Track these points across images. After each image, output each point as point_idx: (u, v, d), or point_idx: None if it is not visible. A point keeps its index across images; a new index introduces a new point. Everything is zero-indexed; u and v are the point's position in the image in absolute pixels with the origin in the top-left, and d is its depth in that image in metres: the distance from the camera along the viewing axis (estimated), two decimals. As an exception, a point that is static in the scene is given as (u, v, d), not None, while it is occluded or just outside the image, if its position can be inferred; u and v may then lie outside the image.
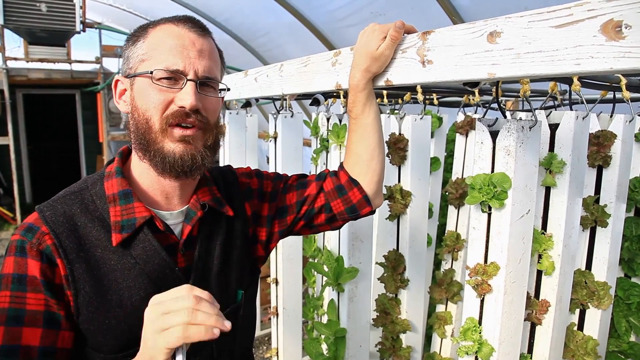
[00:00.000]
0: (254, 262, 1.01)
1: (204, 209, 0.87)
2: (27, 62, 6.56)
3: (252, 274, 1.00)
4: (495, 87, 1.03)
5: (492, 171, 0.95)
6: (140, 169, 0.85)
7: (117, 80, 0.85)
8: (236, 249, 0.93)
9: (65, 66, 6.98)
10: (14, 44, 6.37)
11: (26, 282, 0.73)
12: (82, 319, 0.76)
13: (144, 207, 0.81)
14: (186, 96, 0.77)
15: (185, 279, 0.82)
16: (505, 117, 0.99)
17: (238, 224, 0.95)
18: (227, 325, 0.65)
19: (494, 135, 0.94)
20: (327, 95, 1.72)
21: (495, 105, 1.07)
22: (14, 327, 0.71)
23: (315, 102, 1.63)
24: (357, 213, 1.04)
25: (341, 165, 1.07)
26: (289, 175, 1.11)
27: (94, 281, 0.76)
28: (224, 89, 0.87)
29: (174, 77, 0.78)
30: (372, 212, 1.08)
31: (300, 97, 1.79)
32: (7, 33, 6.13)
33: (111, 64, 6.97)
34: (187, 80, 0.78)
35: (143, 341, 0.67)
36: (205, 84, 0.82)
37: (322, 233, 2.06)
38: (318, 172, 1.80)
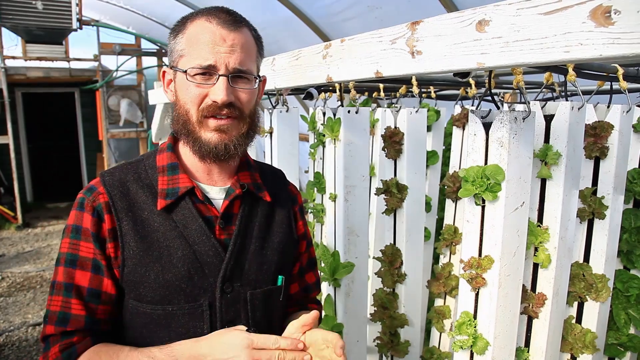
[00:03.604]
0: (297, 256, 1.09)
1: (243, 189, 0.95)
2: (26, 60, 6.53)
3: (293, 264, 1.08)
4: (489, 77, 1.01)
5: (486, 163, 0.93)
6: (185, 149, 0.95)
7: (164, 71, 0.95)
8: (276, 234, 1.00)
9: (63, 64, 6.95)
10: (12, 42, 6.37)
11: (81, 232, 0.87)
12: (127, 270, 0.87)
13: (188, 179, 0.91)
14: (218, 91, 0.85)
15: (221, 248, 0.90)
16: (498, 108, 0.97)
17: (279, 212, 1.02)
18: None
19: (487, 126, 0.92)
20: (321, 88, 1.71)
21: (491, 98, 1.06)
22: (70, 268, 0.86)
23: (309, 96, 1.61)
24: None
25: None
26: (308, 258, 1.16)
27: (138, 237, 0.87)
28: (257, 78, 0.92)
29: (208, 72, 0.86)
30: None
31: (295, 92, 1.77)
32: (5, 32, 6.12)
33: (109, 62, 6.92)
34: (219, 75, 0.85)
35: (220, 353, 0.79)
36: (239, 76, 0.88)
37: (320, 228, 2.05)
38: (316, 167, 1.80)
